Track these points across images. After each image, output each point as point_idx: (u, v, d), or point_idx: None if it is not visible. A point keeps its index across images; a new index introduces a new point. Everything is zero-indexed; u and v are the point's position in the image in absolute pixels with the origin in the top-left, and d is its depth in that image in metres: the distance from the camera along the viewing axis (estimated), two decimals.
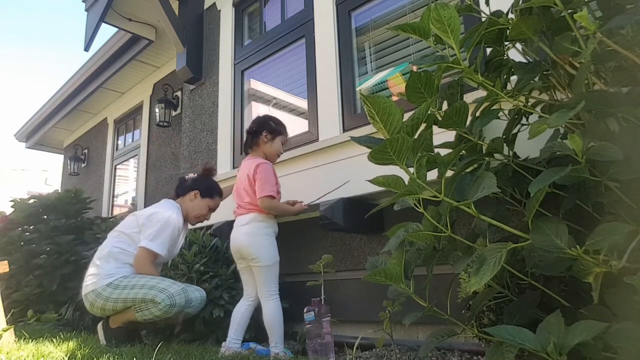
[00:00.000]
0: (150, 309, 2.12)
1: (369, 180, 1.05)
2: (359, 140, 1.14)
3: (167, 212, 2.37)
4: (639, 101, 0.94)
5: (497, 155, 1.28)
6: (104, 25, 4.23)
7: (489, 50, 1.32)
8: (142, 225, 2.32)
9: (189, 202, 2.50)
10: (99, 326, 2.28)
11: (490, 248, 0.96)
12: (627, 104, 0.94)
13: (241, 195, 2.28)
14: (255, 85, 3.54)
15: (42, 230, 4.20)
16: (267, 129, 2.35)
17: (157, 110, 4.90)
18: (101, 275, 2.23)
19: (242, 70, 3.52)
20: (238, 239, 2.22)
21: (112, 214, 6.14)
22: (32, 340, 2.16)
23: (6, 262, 2.27)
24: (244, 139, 2.48)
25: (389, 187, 1.02)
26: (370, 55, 2.72)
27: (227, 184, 3.14)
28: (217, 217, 3.06)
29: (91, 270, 2.30)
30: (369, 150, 0.98)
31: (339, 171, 2.45)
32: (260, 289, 2.19)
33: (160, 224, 2.30)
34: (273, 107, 3.49)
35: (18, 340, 2.15)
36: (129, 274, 2.24)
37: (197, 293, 2.29)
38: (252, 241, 2.17)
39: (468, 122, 1.27)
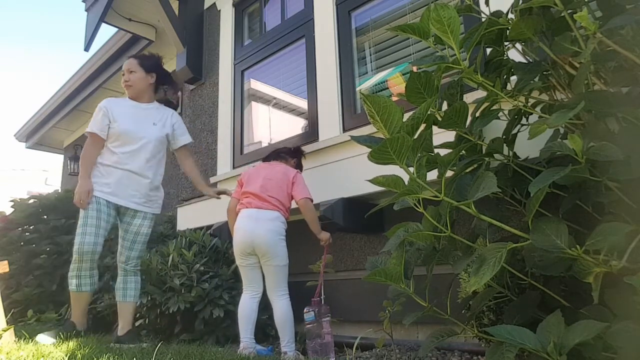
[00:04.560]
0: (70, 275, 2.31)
1: (369, 180, 1.05)
2: (359, 140, 1.14)
3: None
4: (639, 101, 0.94)
5: (497, 156, 1.29)
6: (104, 25, 4.23)
7: (488, 50, 1.32)
8: None
9: None
10: None
11: (490, 248, 0.96)
12: (627, 104, 0.94)
13: (269, 189, 2.24)
14: (255, 85, 3.54)
15: (42, 230, 4.20)
16: (298, 159, 2.56)
17: None
18: None
19: (242, 70, 3.52)
20: (260, 234, 2.16)
21: None
22: (32, 340, 2.16)
23: (6, 262, 2.27)
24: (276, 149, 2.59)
25: (389, 187, 1.02)
26: (370, 55, 2.72)
27: (227, 184, 3.15)
28: (217, 217, 3.06)
29: None
30: (369, 150, 0.98)
31: (339, 171, 2.45)
32: (272, 289, 2.20)
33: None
34: (273, 107, 3.50)
35: (18, 340, 2.15)
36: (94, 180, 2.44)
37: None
38: (276, 240, 2.17)
39: (468, 122, 1.27)
